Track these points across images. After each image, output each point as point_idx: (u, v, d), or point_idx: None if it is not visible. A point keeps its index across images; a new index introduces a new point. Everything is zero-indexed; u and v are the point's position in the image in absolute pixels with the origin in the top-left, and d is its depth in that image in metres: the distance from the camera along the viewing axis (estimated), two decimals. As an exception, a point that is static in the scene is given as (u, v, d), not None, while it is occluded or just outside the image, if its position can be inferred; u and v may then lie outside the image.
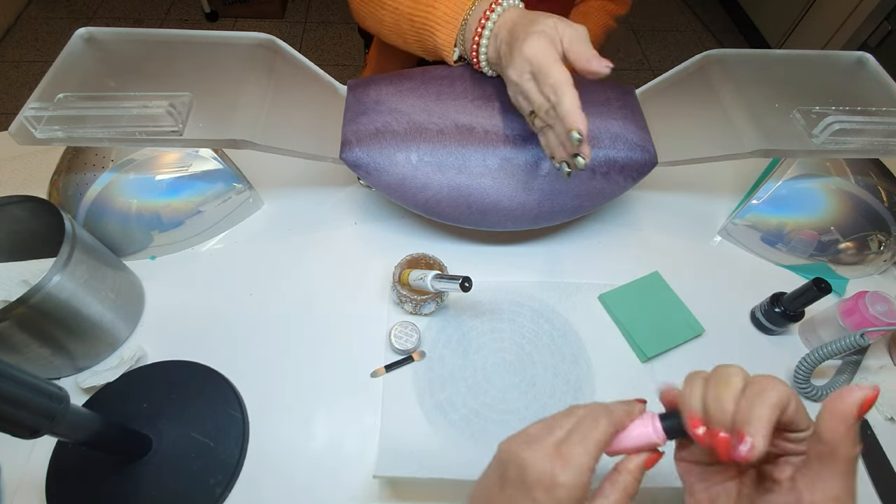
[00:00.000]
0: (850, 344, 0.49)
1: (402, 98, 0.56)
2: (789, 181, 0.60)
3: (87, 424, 0.38)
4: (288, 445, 0.48)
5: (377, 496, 0.46)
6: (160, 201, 0.56)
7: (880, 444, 0.51)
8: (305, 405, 0.51)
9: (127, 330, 0.54)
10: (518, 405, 0.51)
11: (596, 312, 0.58)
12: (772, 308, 0.56)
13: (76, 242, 0.46)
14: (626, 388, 0.53)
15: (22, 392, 0.32)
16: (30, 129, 0.47)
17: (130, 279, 0.55)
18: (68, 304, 0.45)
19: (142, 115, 0.48)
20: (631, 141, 0.55)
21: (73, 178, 0.55)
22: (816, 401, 0.53)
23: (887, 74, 0.60)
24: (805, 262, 0.63)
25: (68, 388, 0.37)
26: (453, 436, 0.49)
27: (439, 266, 0.56)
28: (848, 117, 0.52)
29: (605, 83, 0.61)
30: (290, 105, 0.56)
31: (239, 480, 0.46)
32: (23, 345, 0.45)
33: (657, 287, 0.60)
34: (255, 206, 0.65)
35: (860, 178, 0.60)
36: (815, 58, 0.63)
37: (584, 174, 0.54)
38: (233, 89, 0.53)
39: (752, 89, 0.57)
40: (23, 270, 0.50)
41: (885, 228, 0.60)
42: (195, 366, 0.52)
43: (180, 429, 0.47)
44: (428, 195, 0.54)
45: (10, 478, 0.46)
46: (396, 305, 0.57)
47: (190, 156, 0.57)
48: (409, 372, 0.53)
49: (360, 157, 0.53)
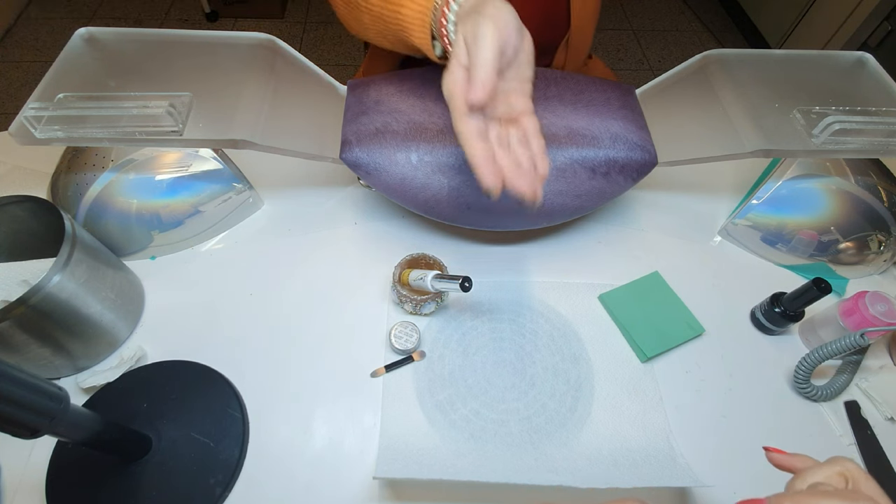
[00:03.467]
0: (850, 344, 0.49)
1: (402, 98, 0.56)
2: (789, 181, 0.60)
3: (87, 424, 0.38)
4: (288, 445, 0.48)
5: (377, 496, 0.46)
6: (160, 201, 0.56)
7: (880, 444, 0.51)
8: (305, 405, 0.51)
9: (127, 330, 0.54)
10: (518, 405, 0.51)
11: (596, 312, 0.58)
12: (772, 308, 0.56)
13: (76, 242, 0.46)
14: (626, 388, 0.53)
15: (22, 392, 0.32)
16: (30, 129, 0.47)
17: (130, 279, 0.55)
18: (68, 304, 0.45)
19: (142, 115, 0.48)
20: (631, 141, 0.55)
21: (73, 178, 0.55)
22: (816, 401, 0.53)
23: (887, 74, 0.60)
24: (805, 262, 0.63)
25: (68, 388, 0.37)
26: (453, 436, 0.49)
27: (439, 266, 0.56)
28: (848, 117, 0.52)
29: (605, 83, 0.61)
30: (290, 105, 0.56)
31: (239, 480, 0.46)
32: (23, 345, 0.45)
33: (657, 287, 0.60)
34: (255, 206, 0.65)
35: (860, 178, 0.60)
36: (815, 58, 0.63)
37: (584, 174, 0.54)
38: (233, 89, 0.53)
39: (752, 89, 0.57)
40: (23, 270, 0.50)
41: (885, 228, 0.60)
42: (195, 366, 0.52)
43: (180, 429, 0.47)
44: (428, 195, 0.54)
45: (10, 478, 0.46)
46: (396, 305, 0.57)
47: (190, 156, 0.57)
48: (409, 372, 0.53)
49: (360, 157, 0.53)
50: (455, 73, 0.40)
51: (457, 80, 0.40)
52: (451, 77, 0.41)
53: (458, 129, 0.41)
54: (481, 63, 0.39)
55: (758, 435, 0.52)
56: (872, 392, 0.54)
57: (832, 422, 0.53)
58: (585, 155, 0.54)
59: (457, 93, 0.40)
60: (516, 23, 0.41)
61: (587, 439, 0.50)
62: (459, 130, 0.41)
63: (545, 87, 0.58)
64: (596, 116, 0.56)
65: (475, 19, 0.40)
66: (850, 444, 0.51)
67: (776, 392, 0.54)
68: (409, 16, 0.49)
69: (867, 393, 0.54)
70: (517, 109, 0.43)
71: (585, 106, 0.57)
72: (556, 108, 0.57)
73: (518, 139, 0.43)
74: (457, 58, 0.41)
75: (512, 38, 0.40)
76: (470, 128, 0.40)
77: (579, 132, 0.55)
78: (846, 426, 0.52)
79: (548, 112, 0.56)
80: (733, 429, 0.52)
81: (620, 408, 0.52)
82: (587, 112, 0.57)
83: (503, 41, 0.39)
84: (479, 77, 0.38)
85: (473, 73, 0.39)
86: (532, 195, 0.42)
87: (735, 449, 0.51)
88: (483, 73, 0.38)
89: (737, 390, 0.54)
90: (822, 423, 0.53)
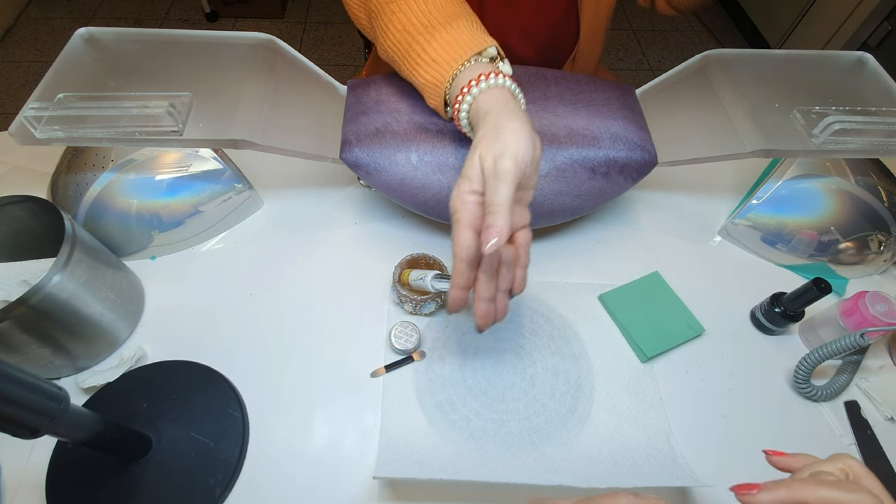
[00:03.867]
0: (850, 344, 0.49)
1: (403, 98, 0.56)
2: (789, 181, 0.60)
3: (87, 424, 0.38)
4: (288, 445, 0.48)
5: (377, 496, 0.46)
6: (160, 201, 0.56)
7: (880, 444, 0.51)
8: (305, 405, 0.51)
9: (127, 330, 0.54)
10: (518, 405, 0.51)
11: (596, 312, 0.58)
12: (772, 308, 0.56)
13: (76, 242, 0.46)
14: (626, 388, 0.53)
15: (22, 392, 0.32)
16: (30, 129, 0.47)
17: (130, 279, 0.55)
18: (68, 304, 0.45)
19: (142, 115, 0.48)
20: (631, 141, 0.55)
21: (73, 178, 0.55)
22: (816, 401, 0.53)
23: (887, 74, 0.60)
24: (805, 262, 0.63)
25: (68, 388, 0.37)
26: (453, 436, 0.49)
27: (439, 266, 0.56)
28: (848, 117, 0.52)
29: (605, 83, 0.61)
30: (290, 105, 0.56)
31: (239, 480, 0.46)
32: (23, 345, 0.45)
33: (657, 287, 0.60)
34: (255, 206, 0.65)
35: (860, 178, 0.60)
36: (815, 58, 0.63)
37: (584, 174, 0.54)
38: (233, 89, 0.53)
39: (752, 89, 0.57)
40: (23, 270, 0.50)
41: (885, 228, 0.60)
42: (195, 366, 0.52)
43: (180, 429, 0.47)
44: (428, 195, 0.54)
45: (10, 478, 0.46)
46: (396, 305, 0.57)
47: (190, 156, 0.57)
48: (409, 372, 0.53)
49: (360, 157, 0.53)
50: (463, 194, 0.40)
51: (465, 202, 0.40)
52: (460, 197, 0.40)
53: (455, 239, 0.40)
54: (499, 208, 0.37)
55: (758, 435, 0.52)
56: (872, 392, 0.54)
57: (832, 422, 0.53)
58: (585, 155, 0.54)
59: (462, 213, 0.40)
60: (531, 142, 0.40)
61: (587, 439, 0.50)
62: (456, 242, 0.40)
63: (545, 87, 0.58)
64: (596, 116, 0.56)
65: (493, 142, 0.40)
66: (850, 444, 0.51)
67: (776, 392, 0.54)
68: (426, 80, 0.49)
69: (867, 393, 0.54)
70: (517, 225, 0.42)
71: (585, 106, 0.57)
72: (556, 108, 0.57)
73: (508, 261, 0.42)
74: (468, 178, 0.40)
75: (528, 164, 0.40)
76: (467, 244, 0.39)
77: (579, 132, 0.55)
78: (846, 426, 0.52)
79: (548, 112, 0.56)
80: (733, 429, 0.52)
81: (620, 408, 0.52)
82: (587, 112, 0.57)
83: (521, 172, 0.39)
84: (497, 224, 0.37)
85: (491, 217, 0.37)
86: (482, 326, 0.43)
87: (735, 449, 0.51)
88: (502, 220, 0.37)
89: (737, 390, 0.54)
90: (822, 423, 0.53)
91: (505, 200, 0.38)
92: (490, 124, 0.41)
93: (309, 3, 2.30)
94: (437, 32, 0.48)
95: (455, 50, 0.46)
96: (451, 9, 0.49)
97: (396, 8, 0.50)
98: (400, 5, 0.50)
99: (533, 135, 0.41)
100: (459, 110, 0.46)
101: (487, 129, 0.41)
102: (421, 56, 0.48)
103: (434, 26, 0.48)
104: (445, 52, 0.47)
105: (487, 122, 0.42)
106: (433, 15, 0.49)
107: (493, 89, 0.44)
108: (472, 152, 0.41)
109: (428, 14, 0.49)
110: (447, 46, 0.47)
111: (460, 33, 0.47)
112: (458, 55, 0.46)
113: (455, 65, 0.46)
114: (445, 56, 0.47)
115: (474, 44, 0.47)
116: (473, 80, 0.44)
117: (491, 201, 0.38)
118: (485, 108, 0.43)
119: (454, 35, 0.47)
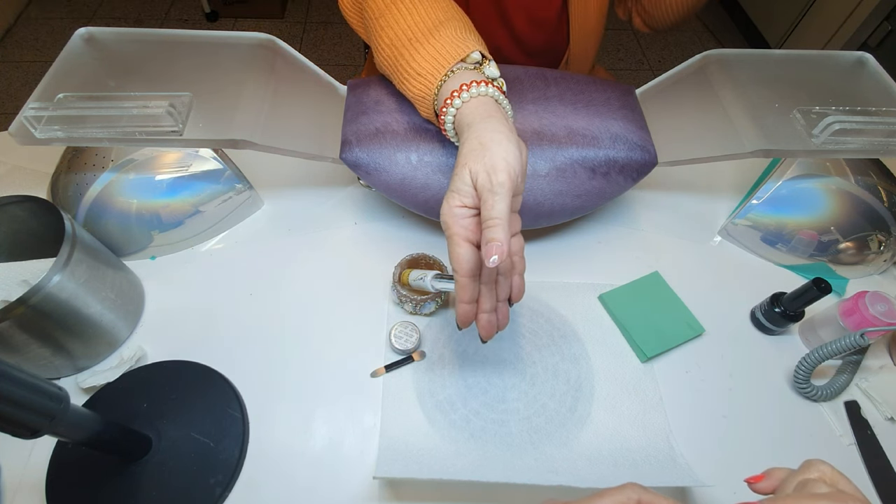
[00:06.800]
0: (850, 344, 0.49)
1: (403, 98, 0.56)
2: (789, 181, 0.60)
3: (87, 424, 0.38)
4: (288, 445, 0.48)
5: (377, 496, 0.46)
6: (160, 201, 0.56)
7: (880, 444, 0.51)
8: (305, 405, 0.51)
9: (127, 330, 0.54)
10: (518, 405, 0.51)
11: (596, 312, 0.58)
12: (772, 308, 0.56)
13: (76, 242, 0.46)
14: (626, 388, 0.53)
15: (22, 392, 0.32)
16: (30, 129, 0.47)
17: (130, 279, 0.55)
18: (68, 304, 0.45)
19: (142, 115, 0.48)
20: (631, 141, 0.55)
21: (73, 178, 0.55)
22: (816, 401, 0.53)
23: (887, 74, 0.60)
24: (805, 262, 0.63)
25: (68, 388, 0.37)
26: (453, 436, 0.49)
27: (439, 266, 0.56)
28: (848, 117, 0.52)
29: (605, 83, 0.61)
30: (290, 105, 0.56)
31: (239, 480, 0.46)
32: (23, 345, 0.45)
33: (657, 287, 0.60)
34: (255, 206, 0.65)
35: (860, 178, 0.60)
36: (815, 58, 0.63)
37: (584, 174, 0.54)
38: (233, 89, 0.53)
39: (752, 89, 0.57)
40: (23, 270, 0.50)
41: (885, 228, 0.60)
42: (195, 366, 0.52)
43: (180, 429, 0.47)
44: (428, 195, 0.54)
45: (10, 478, 0.46)
46: (396, 305, 0.57)
47: (190, 156, 0.57)
48: (409, 372, 0.53)
49: (360, 157, 0.53)
50: (453, 208, 0.40)
51: (456, 216, 0.40)
52: (450, 211, 0.40)
53: (454, 255, 0.40)
54: (498, 221, 0.37)
55: (758, 435, 0.52)
56: (872, 392, 0.54)
57: (832, 422, 0.53)
58: (585, 155, 0.54)
59: (455, 228, 0.40)
60: (518, 150, 0.40)
61: (587, 439, 0.50)
62: (455, 258, 0.40)
63: (545, 87, 0.58)
64: (596, 116, 0.56)
65: (482, 157, 0.39)
66: (850, 444, 0.51)
67: (776, 392, 0.54)
68: (415, 94, 0.49)
69: (867, 393, 0.54)
70: (510, 233, 0.41)
71: (585, 106, 0.57)
72: (556, 108, 0.57)
73: (505, 271, 0.42)
74: (458, 193, 0.40)
75: (518, 174, 0.40)
76: (466, 258, 0.39)
77: (579, 132, 0.55)
78: (846, 426, 0.52)
79: (548, 112, 0.56)
80: (733, 429, 0.52)
81: (620, 408, 0.52)
82: (587, 112, 0.57)
83: (514, 183, 0.39)
84: (499, 238, 0.37)
85: (490, 231, 0.37)
86: (486, 337, 0.43)
87: (735, 449, 0.51)
88: (502, 234, 0.37)
89: (737, 390, 0.54)
90: (822, 423, 0.53)
91: (503, 214, 0.38)
92: (475, 138, 0.41)
93: (309, 3, 2.30)
94: (421, 45, 0.48)
95: (438, 60, 0.47)
96: (435, 16, 0.49)
97: (385, 23, 0.51)
98: (388, 20, 0.50)
99: (518, 142, 0.41)
100: (444, 122, 0.46)
101: (473, 143, 0.41)
102: (407, 70, 0.49)
103: (418, 38, 0.48)
104: (429, 63, 0.47)
105: (472, 135, 0.42)
106: (418, 27, 0.49)
107: (476, 99, 0.44)
108: (461, 167, 0.40)
109: (413, 26, 0.49)
110: (429, 58, 0.47)
111: (443, 43, 0.47)
112: (441, 65, 0.46)
113: (438, 76, 0.46)
114: (429, 68, 0.47)
115: (456, 51, 0.47)
116: (456, 91, 0.44)
117: (488, 215, 0.38)
118: (468, 119, 0.43)
119: (436, 45, 0.47)
